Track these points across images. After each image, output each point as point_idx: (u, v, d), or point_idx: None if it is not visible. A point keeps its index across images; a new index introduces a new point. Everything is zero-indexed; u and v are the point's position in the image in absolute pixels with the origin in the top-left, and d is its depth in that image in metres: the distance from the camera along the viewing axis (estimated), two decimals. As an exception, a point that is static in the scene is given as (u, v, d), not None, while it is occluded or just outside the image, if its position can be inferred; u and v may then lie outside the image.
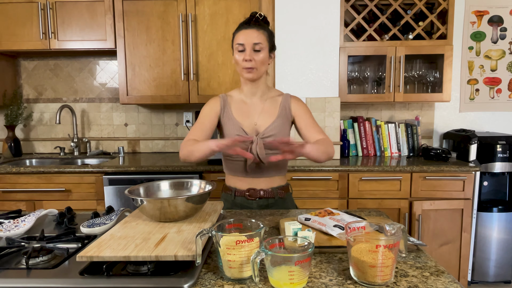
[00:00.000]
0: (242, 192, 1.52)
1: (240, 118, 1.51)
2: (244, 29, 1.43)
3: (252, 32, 1.42)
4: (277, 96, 1.56)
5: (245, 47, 1.42)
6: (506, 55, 2.90)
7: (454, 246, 2.42)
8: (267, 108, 1.52)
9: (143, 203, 1.01)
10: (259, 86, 1.51)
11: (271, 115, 1.51)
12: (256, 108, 1.52)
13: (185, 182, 1.24)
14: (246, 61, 1.42)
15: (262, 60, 1.44)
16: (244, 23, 1.45)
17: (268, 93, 1.55)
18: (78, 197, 2.42)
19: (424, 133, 2.97)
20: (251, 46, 1.41)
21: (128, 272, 0.85)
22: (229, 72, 2.61)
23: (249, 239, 0.81)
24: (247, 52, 1.42)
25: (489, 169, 2.55)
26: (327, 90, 2.59)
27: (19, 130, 3.05)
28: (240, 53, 1.43)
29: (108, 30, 2.59)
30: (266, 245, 0.80)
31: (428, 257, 0.96)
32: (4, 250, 0.97)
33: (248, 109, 1.52)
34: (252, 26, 1.43)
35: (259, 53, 1.42)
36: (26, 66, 3.00)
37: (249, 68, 1.43)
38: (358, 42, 2.60)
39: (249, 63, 1.42)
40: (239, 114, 1.51)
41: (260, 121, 1.51)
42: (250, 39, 1.41)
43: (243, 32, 1.43)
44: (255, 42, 1.41)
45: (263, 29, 1.45)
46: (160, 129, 3.02)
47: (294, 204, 1.61)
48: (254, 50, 1.42)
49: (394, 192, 2.39)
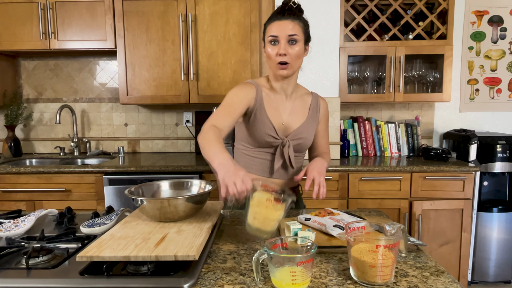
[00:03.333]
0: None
1: (271, 115, 1.38)
2: (277, 20, 1.30)
3: (287, 23, 1.28)
4: (305, 94, 1.47)
5: (279, 40, 1.29)
6: (506, 55, 2.90)
7: (454, 246, 2.42)
8: (296, 107, 1.43)
9: (143, 203, 1.01)
10: (290, 83, 1.40)
11: (301, 115, 1.43)
12: (286, 106, 1.42)
13: (185, 182, 1.24)
14: (281, 55, 1.29)
15: (298, 54, 1.31)
16: (277, 13, 1.31)
17: (298, 91, 1.45)
18: (78, 197, 2.42)
19: (424, 133, 2.97)
20: (286, 38, 1.28)
21: (128, 272, 0.85)
22: (229, 72, 2.61)
23: (277, 201, 0.99)
24: (282, 45, 1.29)
25: (489, 169, 2.55)
26: (327, 90, 2.59)
27: (19, 130, 3.05)
28: (274, 47, 1.30)
29: (108, 30, 2.59)
30: (269, 246, 0.80)
31: (428, 257, 0.96)
32: (4, 250, 0.97)
33: (278, 106, 1.40)
34: (287, 17, 1.29)
35: (295, 46, 1.29)
36: (26, 66, 3.00)
37: (283, 64, 1.30)
38: (358, 42, 2.60)
39: (283, 58, 1.29)
40: (271, 110, 1.39)
41: (289, 121, 1.41)
42: (285, 31, 1.28)
43: (277, 23, 1.29)
44: (290, 34, 1.28)
45: (298, 18, 1.31)
46: (160, 129, 3.02)
47: (304, 204, 1.60)
48: (289, 42, 1.29)
49: (394, 192, 2.39)
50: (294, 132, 1.40)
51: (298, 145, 1.42)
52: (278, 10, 1.32)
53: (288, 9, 1.30)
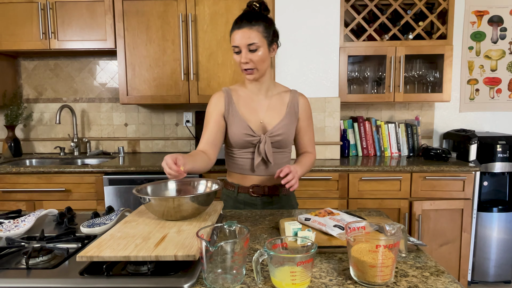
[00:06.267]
0: (245, 188, 1.49)
1: (246, 115, 1.44)
2: (236, 29, 1.34)
3: (244, 32, 1.32)
4: (284, 92, 1.51)
5: (241, 49, 1.34)
6: (506, 55, 2.90)
7: (454, 246, 2.42)
8: (273, 105, 1.47)
9: (151, 201, 1.01)
10: (263, 83, 1.46)
11: (279, 112, 1.47)
12: (262, 104, 1.47)
13: (192, 182, 1.24)
14: (244, 63, 1.36)
15: (261, 59, 1.36)
16: (236, 21, 1.36)
17: (274, 89, 1.50)
18: (78, 197, 2.42)
19: (424, 133, 2.96)
20: (246, 47, 1.34)
21: (128, 272, 0.85)
22: (229, 72, 2.61)
23: None
24: (243, 54, 1.35)
25: (489, 169, 2.55)
26: (327, 90, 2.59)
27: (19, 130, 3.05)
28: (237, 55, 1.37)
29: (108, 30, 2.59)
30: (269, 245, 0.80)
31: (428, 257, 0.96)
32: (4, 250, 0.97)
33: (254, 106, 1.46)
34: (244, 25, 1.33)
35: (256, 52, 1.35)
36: (26, 66, 3.00)
37: (248, 70, 1.37)
38: (358, 42, 2.60)
39: (247, 65, 1.36)
40: (245, 110, 1.45)
41: (266, 118, 1.45)
42: (244, 40, 1.33)
43: (236, 33, 1.34)
44: (248, 43, 1.33)
45: (257, 24, 1.34)
46: (160, 129, 3.02)
47: (297, 202, 1.61)
48: (249, 50, 1.34)
49: (394, 192, 2.38)
50: (272, 129, 1.44)
51: (278, 142, 1.46)
52: (237, 18, 1.36)
53: (247, 16, 1.34)
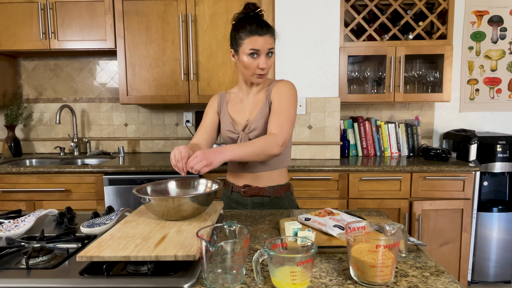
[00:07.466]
0: (238, 188, 1.51)
1: (233, 114, 1.50)
2: (258, 35, 1.33)
3: (267, 38, 1.34)
4: (268, 85, 1.50)
5: (260, 53, 1.35)
6: (506, 55, 2.89)
7: (454, 246, 2.42)
8: (257, 101, 1.48)
9: (151, 201, 1.01)
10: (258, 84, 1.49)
11: (258, 107, 1.47)
12: (250, 103, 1.49)
13: (192, 182, 1.24)
14: (262, 68, 1.36)
15: (272, 63, 1.41)
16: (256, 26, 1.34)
17: (262, 86, 1.50)
18: (78, 197, 2.42)
19: (424, 133, 2.97)
20: (266, 52, 1.35)
21: (128, 272, 0.85)
22: (229, 72, 2.61)
23: None
24: (262, 59, 1.35)
25: (489, 169, 2.55)
26: (327, 90, 2.59)
27: (19, 130, 3.05)
28: (253, 59, 1.35)
29: (108, 30, 2.59)
30: (269, 245, 0.80)
31: (428, 257, 0.96)
32: (4, 250, 0.97)
33: (243, 105, 1.51)
34: (265, 31, 1.34)
35: (271, 57, 1.38)
36: (26, 66, 3.00)
37: (262, 75, 1.39)
38: (358, 42, 2.60)
39: (264, 70, 1.37)
40: (233, 110, 1.51)
41: (251, 116, 1.48)
42: (266, 45, 1.34)
43: (259, 38, 1.33)
44: (270, 48, 1.35)
45: (272, 30, 1.38)
46: (160, 129, 3.02)
47: (295, 204, 1.55)
48: (267, 55, 1.36)
49: (394, 192, 2.39)
50: (248, 126, 1.46)
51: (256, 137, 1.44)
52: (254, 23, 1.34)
53: (263, 22, 1.36)
